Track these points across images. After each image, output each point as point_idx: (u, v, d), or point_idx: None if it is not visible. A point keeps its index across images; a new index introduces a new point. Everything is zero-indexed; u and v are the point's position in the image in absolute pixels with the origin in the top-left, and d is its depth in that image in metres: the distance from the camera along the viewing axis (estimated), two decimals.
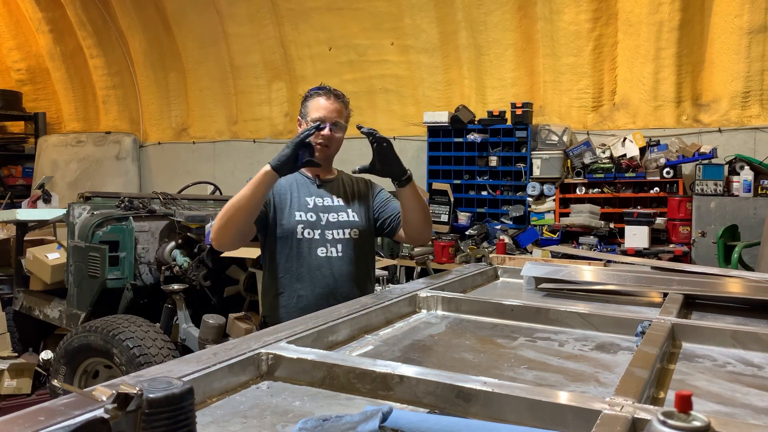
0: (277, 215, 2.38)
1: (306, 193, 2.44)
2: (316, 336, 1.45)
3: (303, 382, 1.22)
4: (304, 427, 0.93)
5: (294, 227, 2.36)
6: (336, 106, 2.42)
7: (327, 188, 2.48)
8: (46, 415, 0.90)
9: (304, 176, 2.48)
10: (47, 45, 10.05)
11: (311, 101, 2.42)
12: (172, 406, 0.80)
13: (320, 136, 2.35)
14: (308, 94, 2.47)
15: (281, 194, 2.41)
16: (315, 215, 2.40)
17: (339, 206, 2.46)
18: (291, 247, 2.37)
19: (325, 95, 2.42)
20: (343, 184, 2.56)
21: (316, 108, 2.40)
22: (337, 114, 2.42)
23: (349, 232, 2.43)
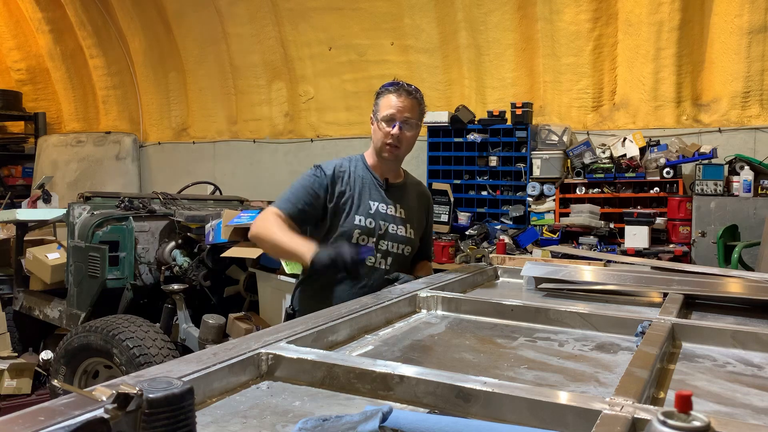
0: (336, 218, 2.30)
1: (371, 196, 2.34)
2: (316, 336, 1.45)
3: (303, 382, 1.22)
4: (304, 427, 0.93)
5: (351, 231, 2.29)
6: (408, 104, 2.30)
7: (393, 194, 2.38)
8: (46, 415, 0.90)
9: (372, 175, 2.39)
10: (47, 45, 10.05)
11: (382, 98, 2.33)
12: (172, 406, 0.80)
13: (390, 135, 2.28)
14: (380, 91, 2.37)
15: (343, 194, 2.31)
16: (374, 222, 2.31)
17: (400, 219, 2.37)
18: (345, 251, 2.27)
19: (395, 92, 2.31)
20: (409, 192, 2.46)
21: (386, 106, 2.30)
22: (409, 112, 2.31)
23: (403, 248, 2.37)
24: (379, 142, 2.32)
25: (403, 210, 2.37)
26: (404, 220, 2.37)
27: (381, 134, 2.31)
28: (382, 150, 2.33)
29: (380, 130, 2.31)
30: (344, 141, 8.15)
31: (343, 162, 2.40)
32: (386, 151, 2.32)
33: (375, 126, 2.34)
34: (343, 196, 2.30)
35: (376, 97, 2.37)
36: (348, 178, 2.33)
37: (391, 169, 2.40)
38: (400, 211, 2.36)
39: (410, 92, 2.33)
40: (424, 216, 2.50)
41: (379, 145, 2.33)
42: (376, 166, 2.39)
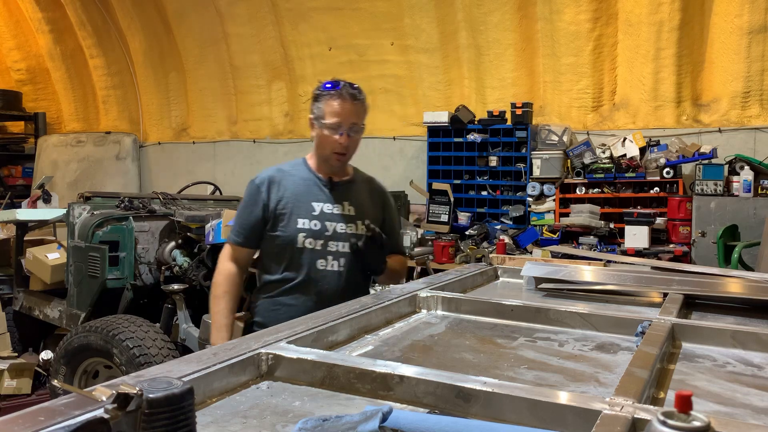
0: (278, 223, 2.24)
1: (314, 197, 2.28)
2: (316, 336, 1.45)
3: (303, 382, 1.22)
4: (304, 427, 0.93)
5: (295, 236, 2.22)
6: (353, 108, 2.22)
7: (339, 193, 2.31)
8: (46, 415, 0.90)
9: (315, 176, 2.32)
10: (47, 45, 10.05)
11: (325, 103, 2.21)
12: (172, 406, 0.80)
13: (338, 144, 2.21)
14: (321, 93, 2.24)
15: (285, 199, 2.25)
16: (320, 224, 2.24)
17: (349, 216, 2.29)
18: (291, 257, 2.24)
19: (339, 97, 2.20)
20: (357, 189, 2.38)
21: (331, 112, 2.19)
22: (356, 117, 2.23)
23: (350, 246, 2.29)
24: (326, 150, 2.25)
25: (352, 207, 2.30)
26: (354, 217, 2.29)
27: (328, 142, 2.23)
28: (329, 159, 2.27)
29: (326, 137, 2.23)
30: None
31: (282, 166, 2.36)
32: (334, 159, 2.26)
33: (318, 131, 2.25)
34: (281, 201, 2.25)
35: (315, 98, 2.26)
36: (287, 183, 2.27)
37: (336, 168, 2.33)
38: (348, 209, 2.29)
39: (355, 96, 2.22)
40: (380, 211, 2.41)
41: (326, 153, 2.27)
42: (320, 168, 2.33)
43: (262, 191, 2.27)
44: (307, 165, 2.36)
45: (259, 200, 2.26)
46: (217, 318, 2.27)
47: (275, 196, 2.25)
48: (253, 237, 2.29)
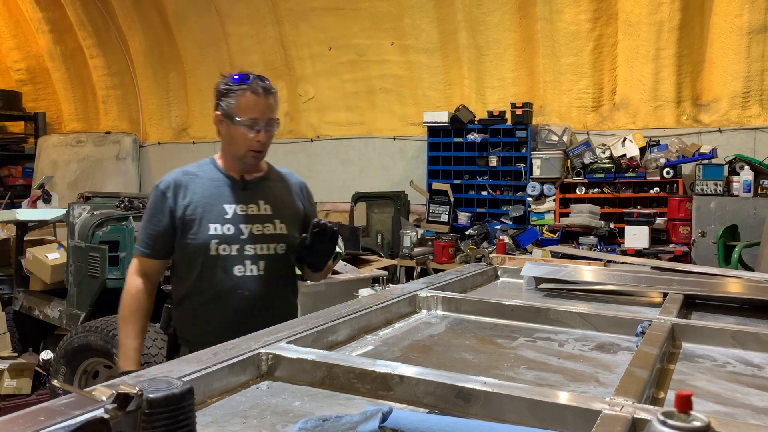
0: (188, 230, 2.05)
1: (226, 198, 2.09)
2: (316, 336, 1.45)
3: (303, 382, 1.22)
4: (304, 427, 0.93)
5: (207, 243, 2.03)
6: (269, 103, 2.06)
7: (253, 191, 2.14)
8: (46, 415, 0.90)
9: (225, 175, 2.13)
10: (47, 45, 10.05)
11: (238, 98, 2.03)
12: (172, 406, 0.80)
13: (255, 141, 2.05)
14: (232, 87, 2.04)
15: (193, 204, 2.06)
16: (234, 228, 2.06)
17: (265, 216, 2.12)
18: (203, 266, 2.05)
19: (253, 91, 2.03)
20: (273, 185, 2.21)
21: (247, 108, 2.02)
22: (271, 111, 2.08)
23: (275, 248, 2.10)
24: (242, 148, 2.07)
25: (268, 206, 2.13)
26: (271, 216, 2.12)
27: (243, 140, 2.06)
28: (244, 157, 2.10)
29: (241, 134, 2.05)
30: (344, 141, 8.15)
31: (189, 168, 2.16)
32: (251, 157, 2.09)
33: (230, 128, 2.06)
34: (190, 206, 2.06)
35: (224, 93, 2.06)
36: (195, 186, 2.08)
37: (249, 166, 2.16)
38: (264, 207, 2.12)
39: (268, 90, 2.07)
40: (300, 206, 2.24)
41: (241, 151, 2.08)
42: (231, 167, 2.14)
43: (168, 197, 2.07)
44: (216, 165, 2.16)
45: (165, 207, 2.07)
46: (124, 342, 2.08)
47: (182, 201, 2.06)
48: (162, 247, 2.11)
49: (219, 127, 2.11)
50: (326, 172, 8.26)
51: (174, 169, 2.16)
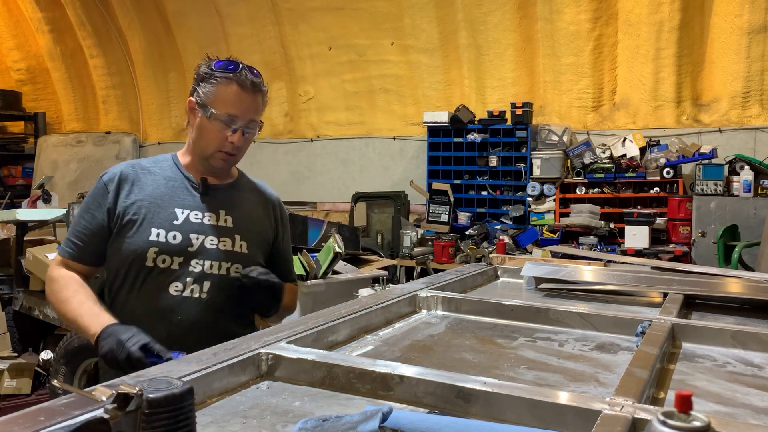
0: (125, 232, 1.71)
1: (179, 201, 1.76)
2: (316, 336, 1.45)
3: (303, 382, 1.22)
4: (304, 427, 0.93)
5: (143, 250, 1.68)
6: (255, 101, 1.75)
7: (214, 198, 1.80)
8: (46, 415, 0.90)
9: (183, 175, 1.81)
10: (47, 45, 10.06)
11: (220, 87, 1.73)
12: (172, 406, 0.80)
13: (229, 143, 1.73)
14: (215, 73, 1.75)
15: (138, 202, 1.73)
16: (182, 236, 1.71)
17: (224, 228, 1.77)
18: (134, 278, 1.70)
19: (239, 83, 1.72)
20: (241, 195, 1.87)
21: (227, 101, 1.71)
22: (255, 112, 1.76)
23: (228, 268, 1.74)
24: (211, 146, 1.75)
25: (230, 218, 1.78)
26: (231, 230, 1.77)
27: (215, 138, 1.74)
28: (212, 158, 1.77)
29: (213, 130, 1.73)
30: (344, 141, 8.15)
31: (142, 161, 1.85)
32: (220, 159, 1.76)
33: (202, 120, 1.74)
34: (134, 205, 1.72)
35: (203, 78, 1.76)
36: (145, 182, 1.76)
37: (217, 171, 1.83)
38: (225, 219, 1.77)
39: (257, 86, 1.75)
40: (271, 227, 1.90)
41: (209, 150, 1.76)
42: (192, 166, 1.82)
43: (109, 190, 1.75)
44: (177, 162, 1.84)
45: (104, 202, 1.74)
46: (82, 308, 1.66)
47: (125, 198, 1.73)
48: (91, 250, 1.75)
49: (190, 116, 1.78)
50: (326, 172, 8.26)
51: (125, 161, 1.87)
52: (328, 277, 3.92)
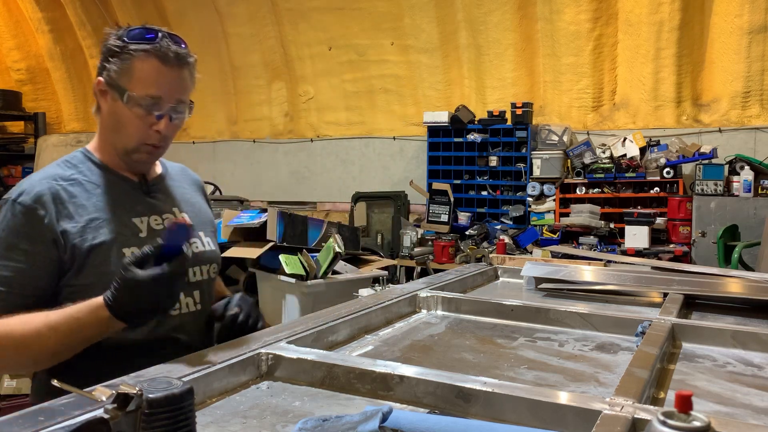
0: (89, 263, 1.35)
1: (131, 210, 1.45)
2: (316, 336, 1.45)
3: (303, 382, 1.22)
4: (304, 427, 0.93)
5: None
6: (181, 77, 1.44)
7: (161, 196, 1.54)
8: (46, 415, 0.90)
9: (117, 176, 1.48)
10: (47, 45, 10.05)
11: (134, 62, 1.38)
12: (172, 406, 0.80)
13: (153, 132, 1.42)
14: (127, 45, 1.38)
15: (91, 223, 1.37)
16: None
17: None
18: None
19: (161, 57, 1.38)
20: (177, 186, 1.61)
21: (147, 80, 1.38)
22: (183, 90, 1.46)
23: (209, 269, 1.55)
24: (132, 139, 1.43)
25: (185, 214, 1.53)
26: (194, 228, 1.51)
27: (136, 128, 1.42)
28: (135, 152, 1.45)
29: (133, 119, 1.41)
30: (344, 141, 8.16)
31: (58, 172, 1.44)
32: (144, 153, 1.45)
33: (116, 106, 1.42)
34: (88, 229, 1.36)
35: (114, 52, 1.39)
36: (81, 196, 1.39)
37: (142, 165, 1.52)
38: (181, 215, 1.52)
39: (183, 57, 1.44)
40: (208, 209, 1.68)
41: (131, 144, 1.44)
42: (119, 164, 1.49)
43: (44, 215, 1.34)
44: (96, 161, 1.49)
45: (44, 231, 1.34)
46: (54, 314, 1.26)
47: (69, 221, 1.35)
48: (30, 294, 1.32)
49: (100, 101, 1.46)
50: (326, 172, 8.26)
51: (32, 175, 1.45)
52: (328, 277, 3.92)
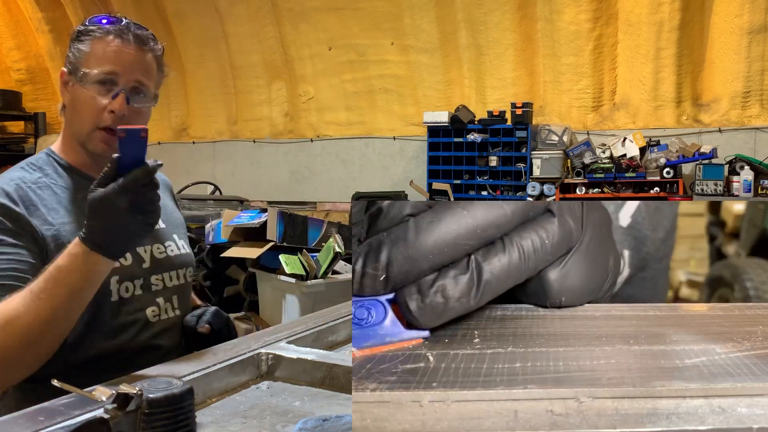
0: None
1: None
2: (316, 336, 1.45)
3: (303, 382, 1.22)
4: (304, 427, 0.93)
5: (105, 285, 1.21)
6: (141, 58, 1.36)
7: None
8: (46, 415, 0.90)
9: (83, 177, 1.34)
10: (47, 45, 10.06)
11: (94, 43, 1.30)
12: (172, 406, 0.80)
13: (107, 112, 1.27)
14: (87, 29, 1.32)
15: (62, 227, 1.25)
16: (130, 254, 1.31)
17: (160, 231, 1.41)
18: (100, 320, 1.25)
19: (118, 34, 1.32)
20: None
21: (103, 57, 1.28)
22: (144, 72, 1.37)
23: (184, 274, 1.44)
24: (87, 123, 1.29)
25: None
26: (167, 231, 1.43)
27: (89, 109, 1.28)
28: (90, 139, 1.30)
29: (87, 99, 1.28)
30: (344, 141, 8.16)
31: (21, 175, 1.34)
32: (99, 140, 1.29)
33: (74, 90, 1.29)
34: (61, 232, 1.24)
35: (76, 37, 1.32)
36: (49, 199, 1.28)
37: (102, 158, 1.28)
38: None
39: (144, 39, 1.38)
40: (178, 210, 1.59)
41: (85, 128, 1.29)
42: (84, 163, 1.35)
43: (20, 212, 1.22)
44: (62, 162, 1.37)
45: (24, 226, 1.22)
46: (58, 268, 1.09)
47: (42, 223, 1.24)
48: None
49: (63, 94, 1.34)
50: (326, 172, 8.26)
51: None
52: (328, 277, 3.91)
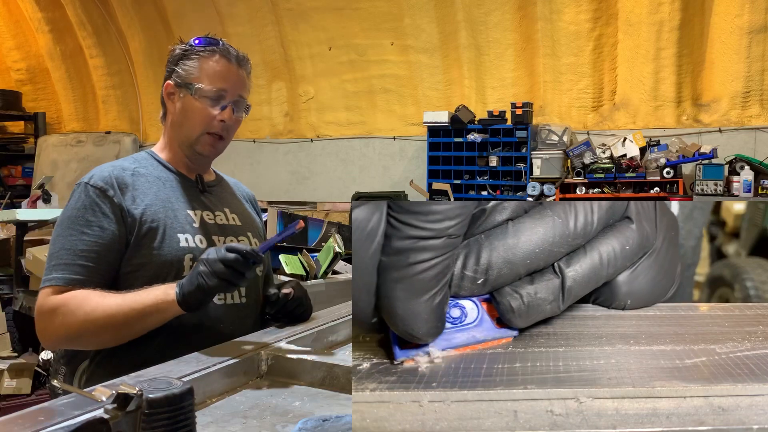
0: (146, 242, 1.45)
1: (186, 202, 1.55)
2: (316, 336, 1.45)
3: (303, 382, 1.22)
4: (304, 427, 0.93)
5: (179, 260, 1.46)
6: (241, 77, 1.58)
7: (215, 196, 1.64)
8: (46, 415, 0.90)
9: (175, 173, 1.59)
10: (47, 45, 10.06)
11: (201, 62, 1.53)
12: (172, 406, 0.80)
13: (217, 121, 1.53)
14: (193, 49, 1.55)
15: (150, 207, 1.48)
16: (206, 240, 1.52)
17: (236, 227, 1.62)
18: None
19: (224, 55, 1.54)
20: (231, 192, 1.72)
21: (213, 75, 1.52)
22: (244, 89, 1.58)
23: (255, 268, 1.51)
24: (197, 129, 1.54)
25: (235, 216, 1.64)
26: (242, 228, 1.63)
27: (201, 117, 1.53)
28: (198, 143, 1.56)
29: (199, 109, 1.53)
30: (344, 141, 8.16)
31: (124, 163, 1.57)
32: (207, 144, 1.56)
33: (185, 101, 1.54)
34: (147, 212, 1.47)
35: (182, 56, 1.56)
36: (142, 185, 1.51)
37: (202, 165, 1.64)
38: (231, 217, 1.62)
39: (243, 60, 1.59)
40: (259, 223, 1.75)
41: (195, 134, 1.55)
42: (180, 163, 1.60)
43: (112, 196, 1.45)
44: (159, 159, 1.61)
45: (112, 209, 1.45)
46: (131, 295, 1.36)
47: (132, 203, 1.47)
48: (104, 270, 1.43)
49: (168, 103, 1.58)
50: (326, 172, 8.26)
51: (101, 165, 1.57)
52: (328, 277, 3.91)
